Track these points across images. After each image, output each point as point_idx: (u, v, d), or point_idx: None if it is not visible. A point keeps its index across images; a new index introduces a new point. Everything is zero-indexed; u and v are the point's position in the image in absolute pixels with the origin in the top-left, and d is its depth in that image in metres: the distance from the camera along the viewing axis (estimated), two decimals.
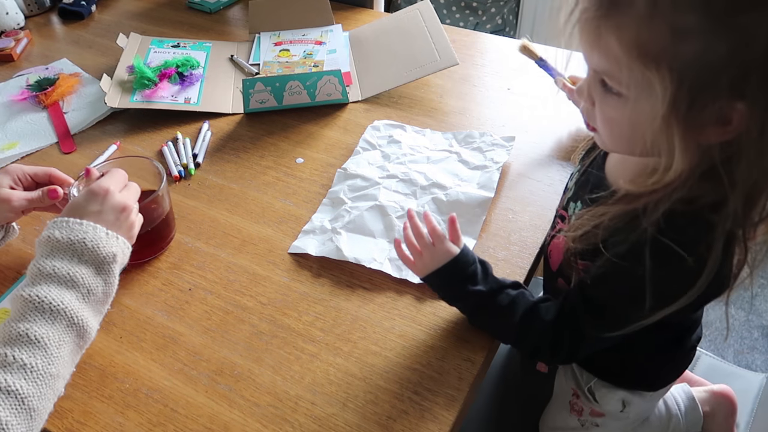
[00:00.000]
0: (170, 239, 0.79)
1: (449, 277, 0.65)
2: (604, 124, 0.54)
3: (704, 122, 0.47)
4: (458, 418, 0.61)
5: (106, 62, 1.19)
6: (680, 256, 0.51)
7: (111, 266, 0.60)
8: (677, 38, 0.44)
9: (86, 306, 0.58)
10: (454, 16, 2.15)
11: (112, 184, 0.65)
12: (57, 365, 0.54)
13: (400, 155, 0.90)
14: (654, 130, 0.48)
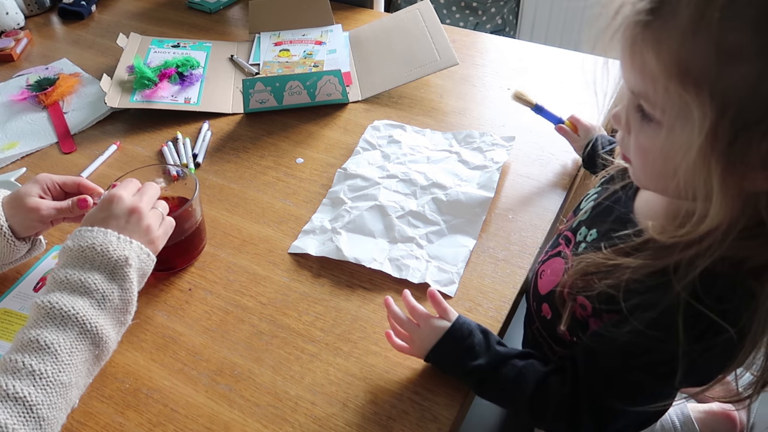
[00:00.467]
0: (201, 248, 0.78)
1: (446, 354, 0.60)
2: (637, 154, 0.48)
3: (749, 163, 0.40)
4: (458, 418, 0.61)
5: (106, 62, 1.19)
6: (720, 327, 0.44)
7: (125, 270, 0.59)
8: (723, 59, 0.38)
9: (102, 313, 0.56)
10: (454, 16, 2.15)
11: (121, 189, 0.64)
12: (68, 373, 0.53)
13: (400, 155, 0.90)
14: (688, 164, 0.41)
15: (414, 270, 0.73)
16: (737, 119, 0.39)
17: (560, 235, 0.67)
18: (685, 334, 0.45)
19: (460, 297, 0.71)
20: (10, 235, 0.68)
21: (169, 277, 0.76)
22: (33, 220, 0.69)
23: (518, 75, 1.10)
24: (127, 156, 0.96)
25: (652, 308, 0.47)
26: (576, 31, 2.00)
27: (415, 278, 0.72)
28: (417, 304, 0.63)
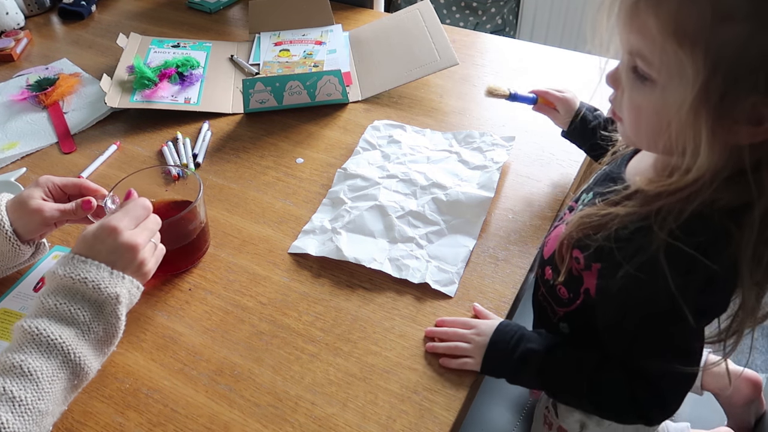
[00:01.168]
0: (205, 250, 0.78)
1: (502, 349, 0.63)
2: (630, 112, 0.51)
3: (735, 119, 0.44)
4: (458, 418, 0.61)
5: (106, 62, 1.19)
6: (700, 262, 0.48)
7: (115, 307, 0.58)
8: (718, 20, 0.41)
9: (85, 344, 0.56)
10: (454, 16, 2.15)
11: (124, 221, 0.62)
12: (47, 401, 0.53)
13: (400, 155, 0.90)
14: (681, 119, 0.45)
15: (414, 270, 0.73)
16: (727, 77, 0.42)
17: (567, 207, 0.71)
18: (671, 272, 0.48)
19: (460, 297, 0.71)
20: (14, 239, 0.68)
21: (170, 278, 0.76)
22: (37, 222, 0.68)
23: (518, 75, 1.10)
24: (127, 156, 0.96)
25: (640, 252, 0.51)
26: (576, 31, 2.00)
27: (415, 278, 0.72)
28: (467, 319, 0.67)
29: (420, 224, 0.79)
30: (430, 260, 0.75)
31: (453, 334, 0.65)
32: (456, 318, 0.68)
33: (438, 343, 0.66)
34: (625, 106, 0.52)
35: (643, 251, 0.50)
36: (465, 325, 0.66)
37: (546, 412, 0.75)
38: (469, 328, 0.66)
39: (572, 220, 0.58)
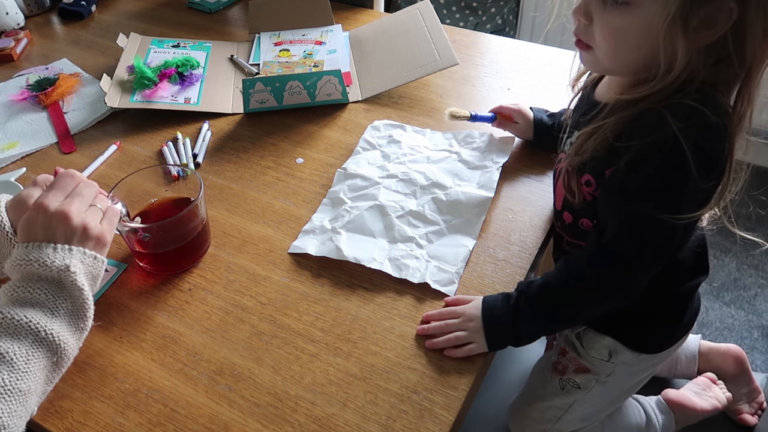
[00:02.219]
0: (206, 248, 0.78)
1: (495, 308, 0.67)
2: (608, 37, 0.58)
3: (697, 25, 0.53)
4: (458, 418, 0.61)
5: (106, 62, 1.19)
6: (701, 111, 0.55)
7: (70, 278, 0.58)
8: None
9: (56, 320, 0.56)
10: (454, 16, 2.15)
11: (50, 195, 0.61)
12: (27, 381, 0.53)
13: (400, 155, 0.90)
14: (663, 32, 0.53)
15: (414, 270, 0.73)
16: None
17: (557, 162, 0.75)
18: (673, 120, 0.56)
19: None
20: (15, 240, 0.68)
21: (170, 278, 0.76)
22: None
23: (518, 75, 1.10)
24: (127, 156, 0.96)
25: (641, 128, 0.58)
26: None
27: (415, 278, 0.72)
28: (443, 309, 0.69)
29: (420, 224, 0.79)
30: (430, 260, 0.75)
31: (446, 327, 0.66)
32: (441, 310, 0.69)
33: (436, 339, 0.66)
34: (599, 33, 0.58)
35: (645, 123, 0.57)
36: (453, 315, 0.68)
37: (560, 358, 0.79)
38: (459, 317, 0.67)
39: (569, 153, 0.65)
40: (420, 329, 0.68)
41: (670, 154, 0.57)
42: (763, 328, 1.38)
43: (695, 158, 0.56)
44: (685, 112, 0.56)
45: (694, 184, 0.58)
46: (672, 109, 0.56)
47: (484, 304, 0.67)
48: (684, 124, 0.56)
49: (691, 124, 0.56)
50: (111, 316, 0.71)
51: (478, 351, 0.65)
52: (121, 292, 0.74)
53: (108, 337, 0.69)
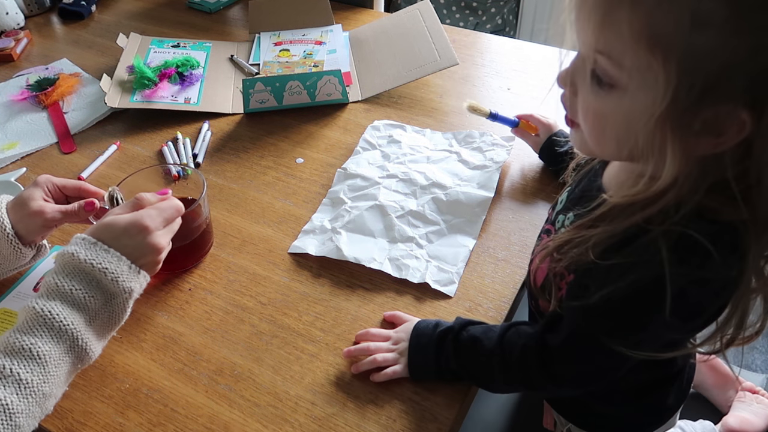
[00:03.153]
0: (209, 248, 0.78)
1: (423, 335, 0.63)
2: (592, 119, 0.48)
3: (699, 128, 0.42)
4: (458, 418, 0.61)
5: (106, 62, 1.19)
6: (706, 250, 0.44)
7: (126, 300, 0.59)
8: (695, 27, 0.39)
9: (91, 329, 0.57)
10: (454, 16, 2.15)
11: (157, 221, 0.62)
12: (51, 384, 0.54)
13: (400, 155, 0.90)
14: (648, 128, 0.43)
15: (414, 270, 0.73)
16: (697, 86, 0.40)
17: (542, 232, 0.67)
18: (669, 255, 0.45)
19: (460, 297, 0.71)
20: (16, 242, 0.68)
21: (170, 278, 0.76)
22: (38, 224, 0.68)
23: (518, 75, 1.10)
24: (127, 156, 0.96)
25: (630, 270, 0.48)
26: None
27: (415, 278, 0.72)
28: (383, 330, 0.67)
29: (420, 224, 0.79)
30: (430, 260, 0.75)
31: (374, 349, 0.64)
32: (371, 330, 0.67)
33: (361, 362, 0.64)
34: (584, 113, 0.49)
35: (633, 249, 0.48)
36: (381, 338, 0.66)
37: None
38: (386, 340, 0.65)
39: (548, 247, 0.56)
40: (345, 352, 0.65)
41: (645, 293, 0.48)
42: None
43: (676, 305, 0.46)
44: (686, 248, 0.45)
45: (663, 327, 0.50)
46: (671, 240, 0.45)
47: (414, 329, 0.64)
48: (679, 267, 0.45)
49: (688, 266, 0.45)
50: None
51: (401, 375, 0.62)
52: None
53: None
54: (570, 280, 0.56)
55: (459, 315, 0.69)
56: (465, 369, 0.61)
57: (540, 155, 0.87)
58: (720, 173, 0.43)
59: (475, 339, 0.60)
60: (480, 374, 0.61)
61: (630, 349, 0.50)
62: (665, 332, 0.50)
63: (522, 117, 0.88)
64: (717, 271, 0.46)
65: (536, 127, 0.86)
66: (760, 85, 0.39)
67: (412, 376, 0.63)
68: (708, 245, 0.44)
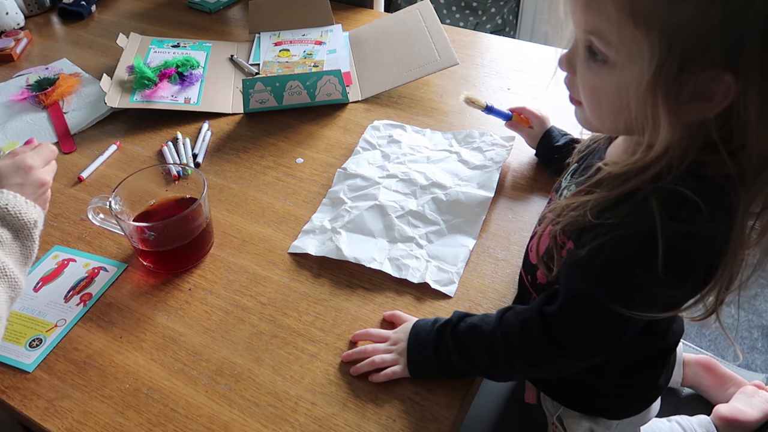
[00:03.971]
0: (209, 247, 0.78)
1: (421, 332, 0.63)
2: (590, 95, 0.51)
3: (689, 96, 0.45)
4: (458, 418, 0.61)
5: (106, 62, 1.19)
6: (694, 204, 0.46)
7: (32, 231, 0.64)
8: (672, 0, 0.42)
9: (9, 259, 0.62)
10: (454, 16, 2.15)
11: (37, 160, 0.68)
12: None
13: (400, 155, 0.90)
14: (639, 98, 0.46)
15: (414, 270, 0.73)
16: (681, 54, 0.43)
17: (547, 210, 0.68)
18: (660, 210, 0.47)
19: (460, 297, 0.71)
20: None
21: (170, 278, 0.76)
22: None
23: (518, 75, 1.10)
24: (127, 156, 0.96)
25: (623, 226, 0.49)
26: None
27: (415, 278, 0.72)
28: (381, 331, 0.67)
29: (420, 224, 0.79)
30: (430, 260, 0.75)
31: (372, 351, 0.64)
32: (371, 330, 0.67)
33: (360, 363, 0.64)
34: (582, 88, 0.52)
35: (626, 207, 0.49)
36: (380, 338, 0.66)
37: (553, 429, 0.75)
38: (385, 341, 0.65)
39: (552, 216, 0.58)
40: (344, 356, 0.65)
41: (637, 251, 0.49)
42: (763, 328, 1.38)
43: (667, 263, 0.47)
44: (675, 203, 0.47)
45: (658, 287, 0.50)
46: (661, 196, 0.47)
47: (413, 328, 0.64)
48: (668, 221, 0.47)
49: (677, 220, 0.47)
50: (111, 316, 0.71)
51: (401, 375, 0.62)
52: (121, 292, 0.74)
53: (108, 337, 0.69)
54: (569, 248, 0.57)
55: None
56: (466, 358, 0.61)
57: (537, 153, 0.88)
58: (707, 137, 0.46)
59: (473, 326, 0.61)
60: (482, 360, 0.61)
61: (629, 310, 0.51)
62: (661, 290, 0.51)
63: (514, 110, 0.89)
64: (704, 226, 0.47)
65: (528, 120, 0.88)
66: (736, 49, 0.42)
67: (412, 374, 0.63)
68: (696, 199, 0.46)
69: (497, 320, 0.60)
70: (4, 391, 0.64)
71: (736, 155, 0.46)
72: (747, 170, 0.46)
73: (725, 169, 0.46)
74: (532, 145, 0.88)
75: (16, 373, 0.66)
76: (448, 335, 0.62)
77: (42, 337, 0.69)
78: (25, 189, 0.65)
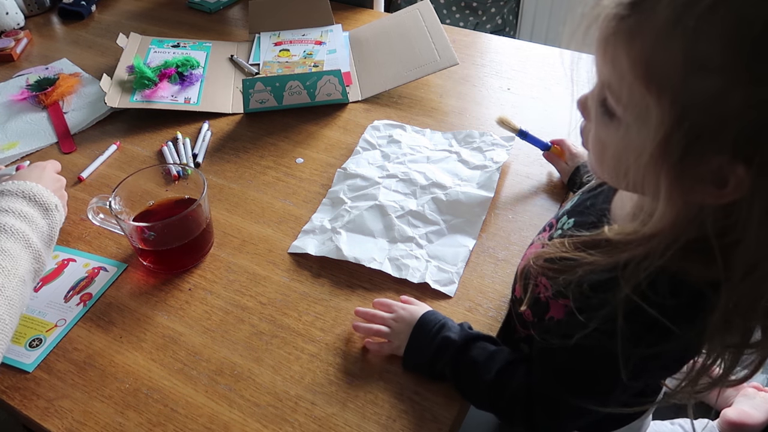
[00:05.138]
0: (209, 247, 0.78)
1: (424, 333, 0.63)
2: (594, 146, 0.48)
3: (698, 177, 0.40)
4: (458, 418, 0.61)
5: (106, 62, 1.19)
6: (666, 329, 0.45)
7: (54, 213, 0.71)
8: (689, 69, 0.37)
9: (36, 237, 0.68)
10: (454, 16, 2.15)
11: (47, 165, 0.78)
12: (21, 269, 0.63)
13: (400, 155, 0.90)
14: (639, 166, 0.42)
15: (414, 270, 0.73)
16: (692, 132, 0.38)
17: (547, 224, 0.67)
18: (627, 334, 0.46)
19: (460, 297, 0.71)
20: None
21: (170, 278, 0.76)
22: None
23: (518, 75, 1.10)
24: (127, 156, 0.96)
25: (601, 307, 0.47)
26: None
27: (415, 278, 0.72)
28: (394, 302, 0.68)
29: (420, 224, 0.79)
30: (430, 260, 0.75)
31: (379, 318, 0.66)
32: (385, 300, 0.68)
33: (362, 323, 0.67)
34: (591, 139, 0.49)
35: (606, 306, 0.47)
36: (389, 308, 0.67)
37: None
38: (392, 312, 0.66)
39: (538, 252, 0.56)
40: (357, 310, 0.68)
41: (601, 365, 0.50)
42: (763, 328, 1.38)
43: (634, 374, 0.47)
44: (643, 326, 0.46)
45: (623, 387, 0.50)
46: (632, 317, 0.46)
47: (420, 320, 0.64)
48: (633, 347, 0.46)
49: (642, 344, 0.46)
50: (111, 316, 0.71)
51: (387, 352, 0.65)
52: (121, 292, 0.74)
53: (108, 337, 0.69)
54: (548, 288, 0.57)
55: (459, 314, 0.69)
56: (458, 386, 0.62)
57: (569, 187, 0.85)
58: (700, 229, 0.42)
59: (473, 365, 0.60)
60: (471, 395, 0.62)
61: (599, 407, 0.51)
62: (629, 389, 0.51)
63: (555, 142, 0.86)
64: (674, 344, 0.46)
65: (563, 152, 0.85)
66: (752, 140, 0.37)
67: (404, 365, 0.64)
68: (668, 324, 0.44)
69: (496, 372, 0.59)
70: (4, 391, 0.64)
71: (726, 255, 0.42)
72: (735, 272, 0.42)
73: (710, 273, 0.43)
74: (564, 179, 0.85)
75: (16, 373, 0.66)
76: (449, 361, 0.61)
77: (42, 337, 0.69)
78: (43, 182, 0.73)
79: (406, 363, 0.64)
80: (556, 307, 0.57)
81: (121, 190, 0.73)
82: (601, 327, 0.47)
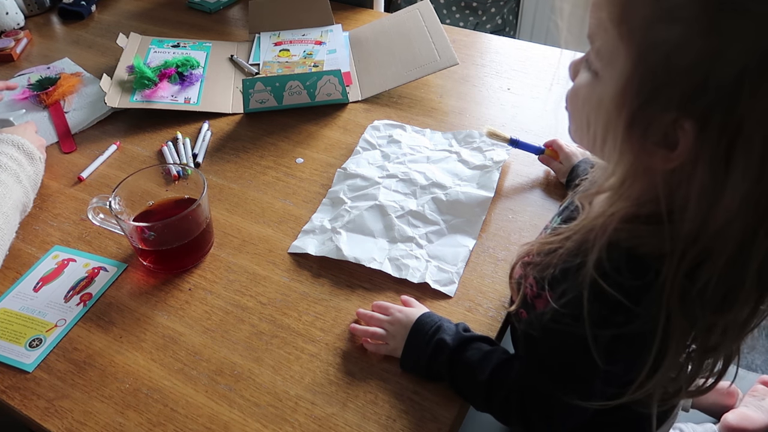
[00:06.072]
0: (210, 247, 0.78)
1: (420, 335, 0.63)
2: (570, 99, 0.49)
3: (650, 133, 0.41)
4: (458, 418, 0.61)
5: (106, 62, 1.19)
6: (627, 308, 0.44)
7: (38, 163, 0.85)
8: (658, 15, 0.38)
9: (24, 177, 0.80)
10: (454, 16, 2.15)
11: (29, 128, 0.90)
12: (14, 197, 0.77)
13: (400, 155, 0.90)
14: (599, 115, 0.43)
15: (414, 270, 0.73)
16: (647, 79, 0.39)
17: (544, 226, 0.68)
18: (594, 316, 0.46)
19: (460, 297, 0.71)
20: None
21: (170, 278, 0.76)
22: None
23: (518, 75, 1.10)
24: (127, 156, 0.96)
25: (570, 292, 0.48)
26: None
27: (415, 278, 0.72)
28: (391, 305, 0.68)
29: (420, 224, 0.79)
30: (430, 260, 0.75)
31: (376, 321, 0.66)
32: (383, 303, 0.69)
33: (358, 326, 0.67)
34: (569, 94, 0.49)
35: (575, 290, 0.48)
36: (386, 311, 0.67)
37: None
38: (389, 315, 0.66)
39: (522, 248, 0.57)
40: (357, 312, 0.69)
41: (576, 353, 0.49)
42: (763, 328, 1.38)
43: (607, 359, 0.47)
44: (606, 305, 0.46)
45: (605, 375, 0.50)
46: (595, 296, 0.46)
47: (416, 322, 0.64)
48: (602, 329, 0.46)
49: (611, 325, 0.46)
50: (111, 316, 0.71)
51: (384, 352, 0.65)
52: (121, 292, 0.74)
53: (108, 337, 0.69)
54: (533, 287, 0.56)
55: (458, 314, 0.69)
56: (455, 387, 0.62)
57: (567, 187, 0.84)
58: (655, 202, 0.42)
59: (469, 367, 0.60)
60: (468, 395, 0.62)
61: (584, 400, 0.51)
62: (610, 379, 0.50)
63: (548, 143, 0.86)
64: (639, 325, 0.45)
65: (557, 154, 0.85)
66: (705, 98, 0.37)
67: (402, 366, 0.64)
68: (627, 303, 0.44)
69: (490, 371, 0.59)
70: (4, 391, 0.65)
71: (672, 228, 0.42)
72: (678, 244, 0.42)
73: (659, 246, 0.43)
74: (561, 180, 0.85)
75: (16, 373, 0.66)
76: (444, 363, 0.61)
77: (42, 337, 0.69)
78: (27, 137, 0.85)
79: (404, 365, 0.64)
80: (540, 302, 0.58)
81: (121, 190, 0.73)
82: (572, 312, 0.48)
